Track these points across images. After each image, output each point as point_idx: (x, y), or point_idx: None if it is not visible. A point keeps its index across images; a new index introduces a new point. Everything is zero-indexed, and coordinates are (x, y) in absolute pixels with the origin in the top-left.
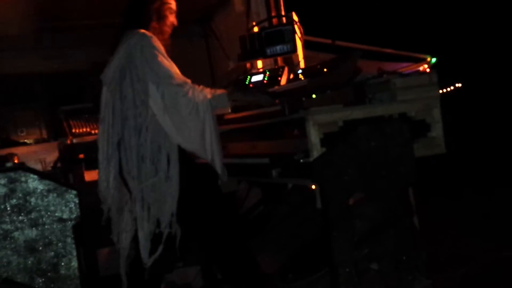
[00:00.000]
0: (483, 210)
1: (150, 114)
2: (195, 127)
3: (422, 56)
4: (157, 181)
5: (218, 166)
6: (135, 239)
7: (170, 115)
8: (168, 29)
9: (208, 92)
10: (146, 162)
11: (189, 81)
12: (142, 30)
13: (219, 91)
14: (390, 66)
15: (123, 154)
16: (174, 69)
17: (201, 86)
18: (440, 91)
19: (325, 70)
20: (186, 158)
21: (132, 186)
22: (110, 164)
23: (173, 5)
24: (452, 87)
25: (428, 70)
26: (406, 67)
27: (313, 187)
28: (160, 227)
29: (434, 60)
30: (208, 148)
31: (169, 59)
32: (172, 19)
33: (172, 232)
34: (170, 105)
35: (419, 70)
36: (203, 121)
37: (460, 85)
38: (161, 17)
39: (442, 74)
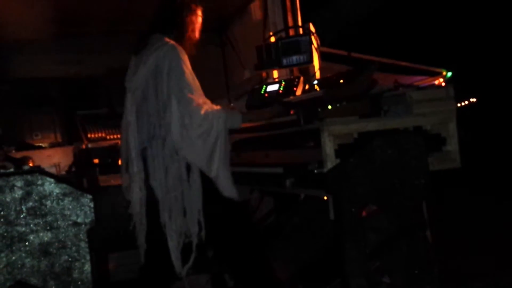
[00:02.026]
0: (498, 225)
1: (171, 127)
2: (205, 148)
3: (437, 70)
4: (182, 191)
5: (222, 186)
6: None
7: (185, 131)
8: (193, 39)
9: (223, 115)
10: (171, 172)
11: (208, 101)
12: (172, 42)
13: (234, 112)
14: (405, 80)
15: (150, 163)
16: (197, 87)
17: (218, 106)
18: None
19: (341, 81)
20: None
21: (159, 195)
22: (134, 170)
23: (200, 16)
24: (466, 102)
25: (443, 84)
26: (421, 81)
27: (326, 198)
28: (190, 237)
29: (449, 74)
30: (214, 169)
31: (194, 75)
32: (197, 28)
33: (199, 241)
34: (186, 123)
35: (434, 84)
36: (214, 143)
37: (475, 100)
38: (188, 26)
39: (456, 88)
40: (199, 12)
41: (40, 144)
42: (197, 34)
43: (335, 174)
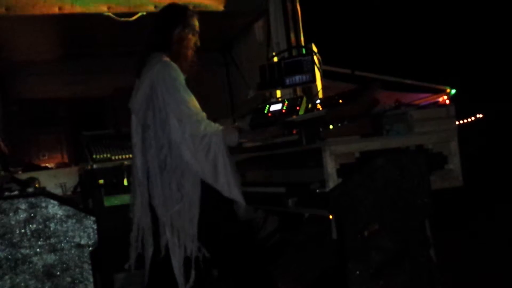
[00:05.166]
0: (503, 244)
1: (172, 143)
2: (208, 164)
3: (441, 87)
4: (183, 206)
5: (236, 196)
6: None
7: (189, 148)
8: (191, 51)
9: (220, 131)
10: (172, 189)
11: (205, 115)
12: (165, 58)
13: (231, 129)
14: (409, 97)
15: (150, 181)
16: (194, 103)
17: (216, 124)
18: (461, 122)
19: (343, 101)
20: (206, 183)
21: (160, 213)
22: (141, 190)
23: (196, 26)
24: (473, 118)
25: (447, 101)
26: (425, 98)
27: (330, 216)
28: (187, 252)
29: (453, 91)
30: (223, 180)
31: (189, 91)
32: (194, 39)
33: (200, 256)
34: (189, 139)
35: (438, 101)
36: (215, 159)
37: (481, 115)
38: (185, 40)
39: (462, 104)
40: (195, 26)
41: (47, 164)
42: (194, 41)
43: (337, 193)
